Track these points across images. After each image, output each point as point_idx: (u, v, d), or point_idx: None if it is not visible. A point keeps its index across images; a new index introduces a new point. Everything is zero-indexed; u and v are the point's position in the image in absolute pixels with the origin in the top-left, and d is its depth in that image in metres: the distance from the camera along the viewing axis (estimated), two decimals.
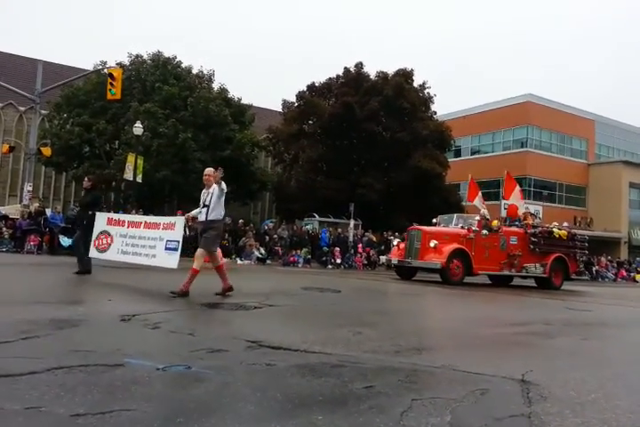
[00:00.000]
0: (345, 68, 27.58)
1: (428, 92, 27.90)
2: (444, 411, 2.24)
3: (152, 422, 1.91)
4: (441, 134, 27.09)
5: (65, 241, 14.76)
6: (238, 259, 17.59)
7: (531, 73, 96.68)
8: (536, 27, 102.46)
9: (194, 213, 6.60)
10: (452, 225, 13.08)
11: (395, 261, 12.94)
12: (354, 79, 26.90)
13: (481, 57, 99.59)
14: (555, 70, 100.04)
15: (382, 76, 26.88)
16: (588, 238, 15.22)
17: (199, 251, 6.17)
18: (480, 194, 14.87)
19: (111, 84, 16.97)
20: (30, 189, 19.56)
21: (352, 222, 22.37)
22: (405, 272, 12.88)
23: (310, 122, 27.60)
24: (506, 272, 12.77)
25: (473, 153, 37.52)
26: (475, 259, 11.77)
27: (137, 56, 25.84)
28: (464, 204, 26.02)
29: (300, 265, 18.26)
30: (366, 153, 26.43)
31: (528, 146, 34.58)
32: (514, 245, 12.75)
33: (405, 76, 26.99)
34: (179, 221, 7.01)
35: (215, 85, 26.84)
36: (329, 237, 20.61)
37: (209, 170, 6.42)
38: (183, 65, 26.14)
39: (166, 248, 6.88)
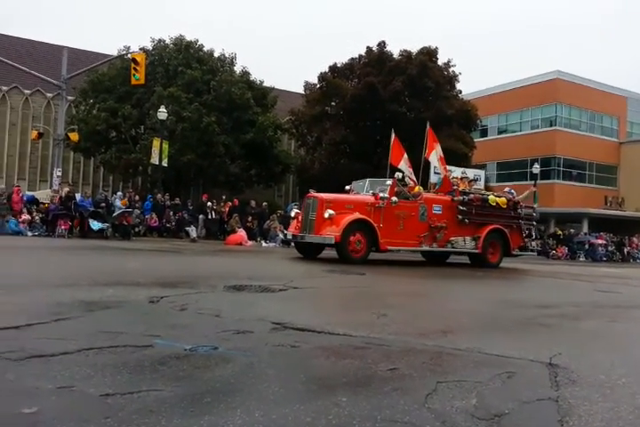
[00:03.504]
0: (367, 47, 27.11)
1: (453, 71, 27.26)
2: (470, 394, 2.22)
3: (179, 402, 1.95)
4: (466, 114, 26.52)
5: (95, 225, 15.14)
6: (263, 241, 17.77)
7: (559, 49, 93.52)
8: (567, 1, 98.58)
9: None
10: (363, 192, 11.04)
11: (289, 235, 11.09)
12: (377, 59, 26.43)
13: (508, 33, 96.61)
14: (584, 46, 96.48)
15: (406, 55, 26.31)
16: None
17: None
18: (405, 156, 12.64)
19: (135, 69, 17.12)
20: (60, 174, 20.01)
21: None
22: (307, 249, 10.88)
23: (333, 103, 27.32)
24: (424, 247, 10.88)
25: (500, 132, 36.80)
26: (382, 231, 9.95)
27: (159, 41, 25.90)
28: (490, 184, 25.64)
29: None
30: (390, 134, 26.09)
31: (557, 124, 33.71)
32: (437, 215, 10.91)
33: (429, 54, 26.38)
34: None
35: (237, 68, 26.80)
36: None
37: None
38: (205, 48, 26.12)
39: None
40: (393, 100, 25.15)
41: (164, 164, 20.04)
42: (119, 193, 19.76)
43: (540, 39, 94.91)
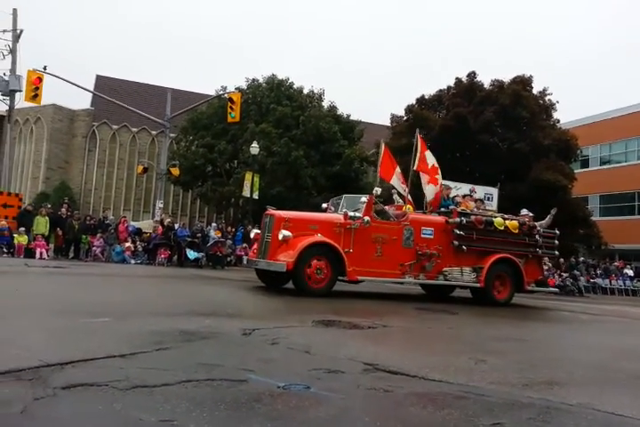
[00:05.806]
0: (457, 78, 26.91)
1: (550, 99, 26.29)
2: None
3: None
4: (565, 144, 25.29)
5: (191, 254, 15.92)
6: None
7: None
8: None
9: None
10: (340, 211, 9.35)
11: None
12: (466, 89, 26.12)
13: (611, 57, 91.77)
14: None
15: (497, 85, 25.81)
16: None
17: None
18: (398, 170, 10.78)
19: (231, 107, 18.20)
20: (161, 205, 21.43)
21: None
22: (270, 277, 9.05)
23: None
24: (408, 279, 9.14)
25: (603, 163, 34.53)
26: (352, 258, 8.33)
27: (253, 80, 27.47)
28: (592, 218, 24.00)
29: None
30: (480, 166, 25.37)
31: None
32: (427, 239, 9.13)
33: (523, 83, 25.69)
34: None
35: (325, 104, 27.65)
36: None
37: None
38: (295, 86, 27.28)
39: None
40: (483, 130, 24.57)
41: (255, 196, 20.87)
42: (214, 224, 20.77)
43: None
